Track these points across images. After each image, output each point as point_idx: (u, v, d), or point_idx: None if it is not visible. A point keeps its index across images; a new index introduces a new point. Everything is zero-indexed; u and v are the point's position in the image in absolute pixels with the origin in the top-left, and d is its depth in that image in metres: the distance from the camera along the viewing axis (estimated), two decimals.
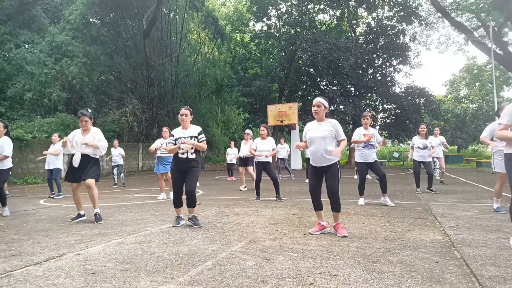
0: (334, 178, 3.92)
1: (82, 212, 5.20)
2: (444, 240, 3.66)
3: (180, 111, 4.63)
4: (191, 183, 4.44)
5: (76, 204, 5.19)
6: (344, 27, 27.37)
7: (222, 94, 28.12)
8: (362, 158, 6.22)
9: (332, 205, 3.98)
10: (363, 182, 6.30)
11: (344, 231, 3.90)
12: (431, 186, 7.94)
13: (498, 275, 2.60)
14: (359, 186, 6.31)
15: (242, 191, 9.08)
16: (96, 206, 5.05)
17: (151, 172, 19.10)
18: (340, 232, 3.89)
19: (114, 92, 21.58)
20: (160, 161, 7.63)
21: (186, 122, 4.58)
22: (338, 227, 3.96)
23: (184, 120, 4.56)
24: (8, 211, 5.75)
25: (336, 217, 4.00)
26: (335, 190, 3.90)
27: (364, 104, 24.16)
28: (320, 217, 4.11)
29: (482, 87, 36.95)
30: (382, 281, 2.50)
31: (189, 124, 4.64)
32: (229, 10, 32.70)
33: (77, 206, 5.19)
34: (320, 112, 4.00)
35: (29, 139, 13.75)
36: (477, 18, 22.98)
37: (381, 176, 6.21)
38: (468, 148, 34.15)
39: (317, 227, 4.09)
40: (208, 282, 2.54)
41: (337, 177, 3.93)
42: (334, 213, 3.99)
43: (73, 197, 5.15)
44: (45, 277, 2.68)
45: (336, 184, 3.91)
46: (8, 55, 19.69)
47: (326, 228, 4.10)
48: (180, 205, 4.62)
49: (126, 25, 22.28)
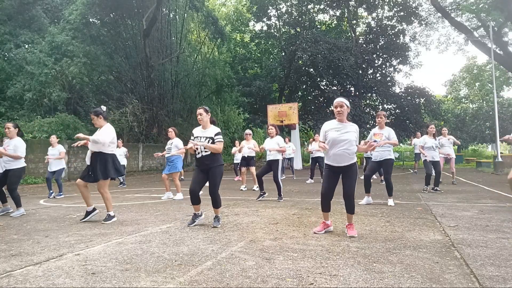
0: (352, 180, 3.88)
1: (90, 208, 5.11)
2: (444, 240, 3.66)
3: (197, 111, 4.59)
4: (213, 185, 4.43)
5: (85, 200, 5.11)
6: (344, 27, 27.39)
7: (222, 94, 28.13)
8: (373, 157, 6.29)
9: (347, 207, 3.97)
10: (368, 178, 6.30)
11: (353, 232, 3.88)
12: (437, 186, 7.94)
13: (498, 275, 2.60)
14: (365, 183, 6.31)
15: (243, 191, 9.08)
16: (109, 209, 5.02)
17: (151, 172, 19.10)
18: (349, 233, 3.88)
19: (114, 92, 21.57)
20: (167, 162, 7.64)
21: (203, 121, 4.52)
22: (350, 227, 3.94)
23: (201, 119, 4.51)
24: (23, 210, 5.76)
25: (350, 218, 3.99)
26: (351, 193, 3.88)
27: (364, 104, 24.18)
28: (326, 217, 4.09)
29: (482, 87, 36.95)
30: (382, 281, 2.50)
31: (209, 124, 4.58)
32: (229, 10, 32.71)
33: (86, 202, 5.11)
34: (343, 112, 3.89)
35: (29, 139, 13.74)
36: (477, 18, 22.98)
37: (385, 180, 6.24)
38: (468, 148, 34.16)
39: (322, 226, 4.08)
40: (208, 282, 2.54)
41: (355, 179, 3.91)
42: (349, 215, 3.98)
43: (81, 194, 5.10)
44: (45, 277, 2.68)
45: (353, 186, 3.89)
46: (8, 55, 19.68)
47: (330, 226, 4.11)
48: (195, 202, 4.55)
49: (126, 25, 22.28)
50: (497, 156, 15.95)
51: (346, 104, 3.91)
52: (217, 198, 4.48)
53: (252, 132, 9.92)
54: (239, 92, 25.27)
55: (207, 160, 4.43)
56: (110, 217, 4.99)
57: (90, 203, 5.13)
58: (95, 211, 5.17)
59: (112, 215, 5.03)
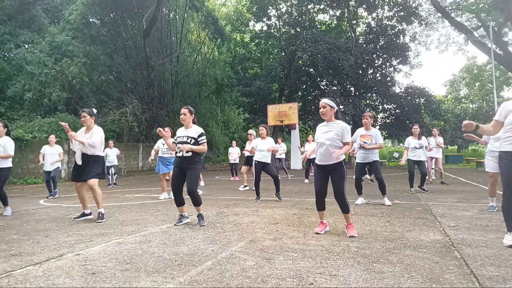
0: (340, 180, 3.92)
1: (87, 211, 5.20)
2: (444, 240, 3.66)
3: (181, 110, 4.70)
4: (190, 184, 4.47)
5: (81, 203, 5.19)
6: (344, 27, 27.37)
7: (222, 94, 28.12)
8: (359, 159, 6.27)
9: (340, 207, 4.01)
10: (358, 181, 6.30)
11: (353, 232, 3.89)
12: (423, 185, 7.98)
13: (498, 275, 2.60)
14: (356, 185, 6.32)
15: (241, 190, 9.08)
16: (100, 206, 5.07)
17: (151, 172, 19.10)
18: (349, 232, 3.89)
19: (114, 92, 21.57)
20: (162, 161, 7.63)
21: (186, 122, 4.62)
22: (349, 227, 3.96)
23: (183, 119, 4.61)
24: (10, 211, 5.76)
25: (346, 218, 4.00)
26: (341, 192, 3.91)
27: (364, 104, 24.17)
28: (322, 216, 4.14)
29: (482, 87, 36.93)
30: (382, 281, 2.50)
31: (191, 124, 4.66)
32: (229, 10, 32.69)
33: (82, 205, 5.20)
34: (326, 112, 3.98)
35: (29, 139, 13.75)
36: (477, 18, 22.97)
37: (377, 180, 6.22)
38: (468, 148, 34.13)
39: (321, 226, 4.11)
40: (208, 282, 2.54)
41: (343, 179, 3.94)
42: (344, 215, 4.00)
43: (78, 196, 5.16)
44: (45, 277, 2.68)
45: (342, 186, 3.92)
46: (8, 55, 19.69)
47: (326, 226, 4.15)
48: (180, 203, 4.64)
49: (126, 25, 22.27)
50: None
51: (329, 105, 3.99)
52: (197, 197, 4.54)
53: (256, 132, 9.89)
54: (239, 92, 25.25)
55: (188, 159, 4.52)
56: (102, 215, 5.03)
57: (88, 206, 5.22)
58: (90, 216, 5.22)
59: (103, 212, 5.08)
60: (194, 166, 4.54)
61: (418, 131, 7.84)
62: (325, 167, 3.99)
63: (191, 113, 4.66)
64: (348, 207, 3.97)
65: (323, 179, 4.02)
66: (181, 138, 4.55)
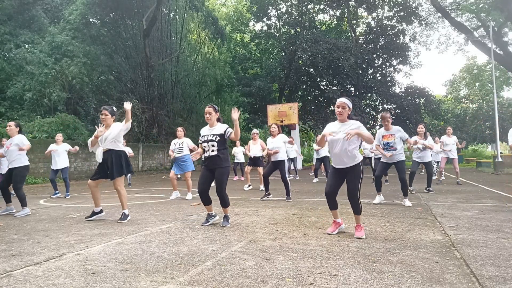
0: (355, 180, 3.81)
1: (98, 209, 5.13)
2: (444, 240, 3.66)
3: (205, 109, 4.60)
4: (219, 184, 4.44)
5: (94, 201, 5.13)
6: (344, 27, 27.40)
7: (222, 94, 28.13)
8: (384, 159, 6.25)
9: (352, 208, 3.91)
10: (379, 179, 6.31)
11: (361, 233, 3.80)
12: (429, 186, 7.94)
13: (498, 275, 2.60)
14: (375, 183, 6.34)
15: (246, 190, 9.08)
16: (125, 207, 5.03)
17: (151, 172, 19.11)
18: (356, 234, 3.81)
19: (114, 92, 21.56)
20: (177, 162, 7.61)
21: (211, 120, 4.55)
22: (357, 228, 3.88)
23: (209, 118, 4.54)
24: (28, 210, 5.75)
25: (357, 219, 3.92)
26: (355, 193, 3.82)
27: (364, 104, 24.18)
28: (335, 216, 4.04)
29: (482, 87, 36.95)
30: (382, 281, 2.50)
31: (216, 122, 4.60)
32: (229, 10, 32.71)
33: (95, 202, 5.13)
34: (344, 113, 3.86)
35: (29, 139, 13.73)
36: (477, 18, 22.98)
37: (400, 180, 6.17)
38: (468, 148, 34.14)
39: (333, 226, 4.03)
40: (208, 282, 2.54)
41: (359, 179, 3.83)
42: (355, 216, 3.92)
43: (91, 194, 5.11)
44: (45, 277, 2.68)
45: (357, 187, 3.83)
46: (8, 55, 19.67)
47: (341, 225, 4.06)
48: (206, 202, 4.58)
49: (126, 25, 22.28)
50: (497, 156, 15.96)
51: (348, 106, 3.87)
52: (225, 198, 4.50)
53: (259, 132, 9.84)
54: (239, 92, 25.27)
55: (215, 160, 4.45)
56: (125, 216, 4.98)
57: (99, 204, 5.17)
58: (102, 213, 5.19)
59: (127, 214, 5.03)
60: (223, 166, 4.46)
61: (423, 130, 7.82)
62: (342, 170, 3.89)
63: (216, 111, 4.59)
64: (360, 209, 3.87)
65: (337, 181, 3.93)
66: (206, 136, 4.48)
